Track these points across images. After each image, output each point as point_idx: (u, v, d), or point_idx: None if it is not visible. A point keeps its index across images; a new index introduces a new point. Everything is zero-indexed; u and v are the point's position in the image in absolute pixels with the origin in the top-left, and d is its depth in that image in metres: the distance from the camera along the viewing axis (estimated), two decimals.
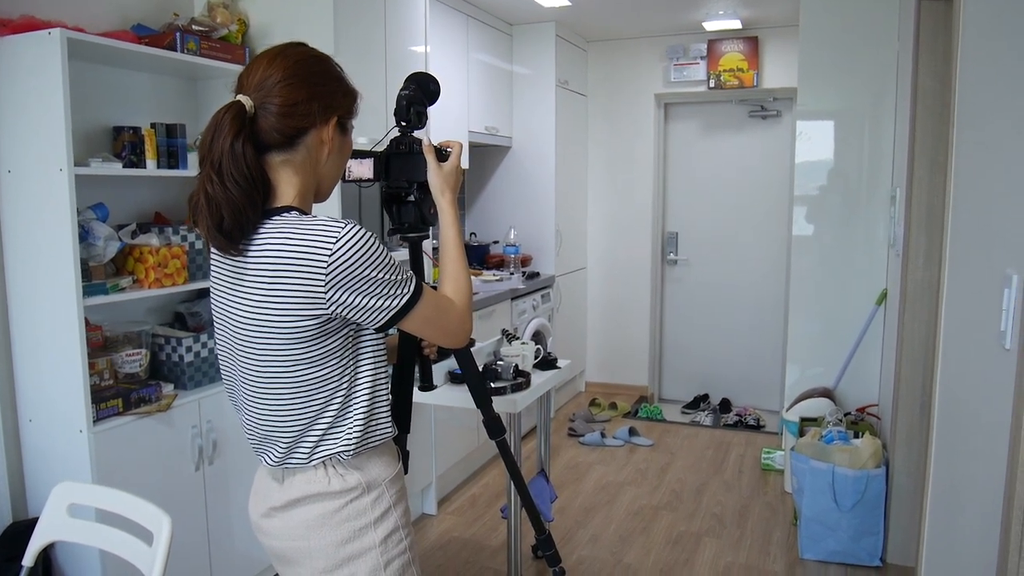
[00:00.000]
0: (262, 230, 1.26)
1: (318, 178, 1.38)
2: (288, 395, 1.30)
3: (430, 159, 1.53)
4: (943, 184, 2.55)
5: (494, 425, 2.05)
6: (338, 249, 1.22)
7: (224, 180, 1.22)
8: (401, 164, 1.60)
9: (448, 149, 1.57)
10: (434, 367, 2.52)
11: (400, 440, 1.84)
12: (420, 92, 1.66)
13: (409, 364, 1.80)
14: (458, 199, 1.57)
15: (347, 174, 1.57)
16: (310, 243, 1.22)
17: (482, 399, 1.99)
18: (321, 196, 1.42)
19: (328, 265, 1.22)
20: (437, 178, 1.53)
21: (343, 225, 1.23)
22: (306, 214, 1.31)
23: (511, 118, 5.05)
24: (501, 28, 4.86)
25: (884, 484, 3.05)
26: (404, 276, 1.30)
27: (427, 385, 1.93)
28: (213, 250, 1.33)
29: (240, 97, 1.27)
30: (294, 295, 1.23)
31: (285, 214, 1.28)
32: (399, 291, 1.28)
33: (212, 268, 1.38)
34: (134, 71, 2.66)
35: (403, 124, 1.64)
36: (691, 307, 5.80)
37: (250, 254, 1.26)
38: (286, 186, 1.32)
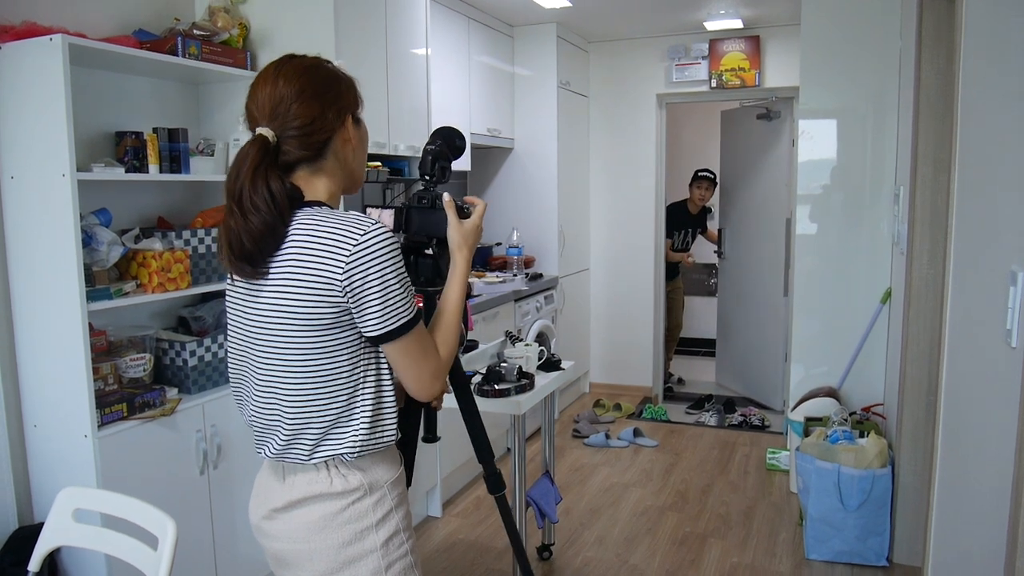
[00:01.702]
0: (292, 221, 1.29)
1: (347, 173, 1.42)
2: (291, 383, 1.31)
3: (451, 214, 1.54)
4: (947, 182, 2.55)
5: (495, 480, 2.02)
6: (364, 241, 1.25)
7: (245, 212, 1.25)
8: (422, 218, 1.62)
9: (470, 207, 1.58)
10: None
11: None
12: (446, 148, 1.68)
13: (415, 415, 1.80)
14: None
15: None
16: (339, 232, 1.26)
17: (484, 454, 1.96)
18: (354, 187, 1.47)
19: (352, 254, 1.24)
20: (457, 234, 1.53)
21: (374, 222, 1.27)
22: (335, 209, 1.36)
23: (513, 120, 5.05)
24: (502, 30, 4.86)
25: (890, 484, 3.04)
26: (410, 296, 1.32)
27: (431, 437, 1.90)
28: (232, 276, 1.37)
29: (260, 130, 1.30)
30: (314, 280, 1.26)
31: (315, 207, 1.33)
32: (405, 309, 1.30)
33: None
34: (136, 76, 2.67)
35: (427, 178, 1.65)
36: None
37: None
38: (317, 190, 1.37)
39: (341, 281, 1.25)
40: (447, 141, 1.69)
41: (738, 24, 5.00)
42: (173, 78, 2.80)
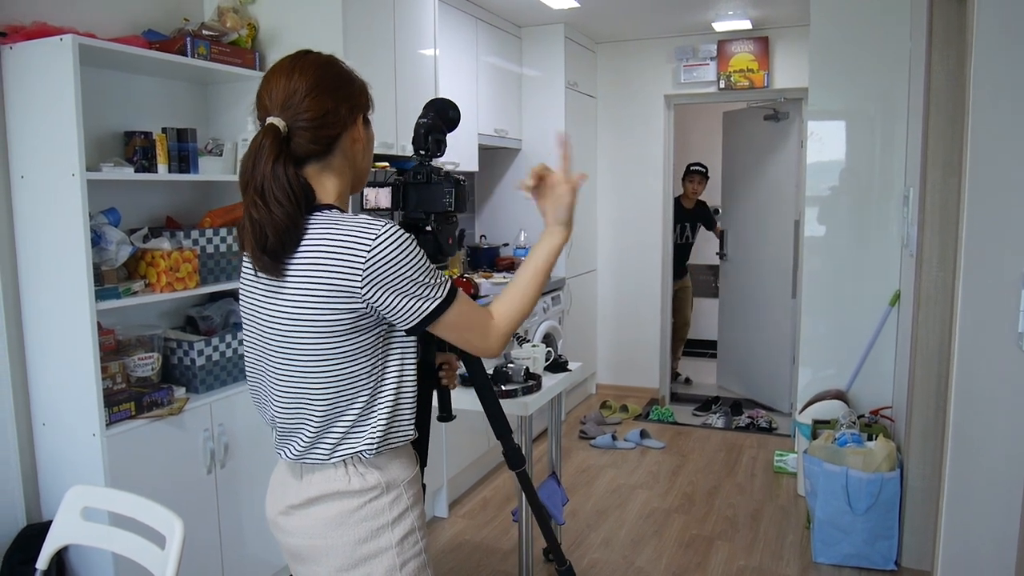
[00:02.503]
0: (306, 225, 1.29)
1: (355, 172, 1.43)
2: (314, 387, 1.31)
3: (568, 194, 1.47)
4: (957, 184, 2.53)
5: (514, 456, 2.03)
6: (376, 246, 1.24)
7: (268, 203, 1.25)
8: (419, 194, 1.59)
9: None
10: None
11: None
12: (439, 120, 1.64)
13: (428, 394, 1.79)
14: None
15: (364, 202, 1.58)
16: (350, 239, 1.25)
17: (502, 430, 1.97)
18: (358, 186, 1.47)
19: (366, 261, 1.24)
20: (562, 215, 1.48)
21: (383, 224, 1.26)
22: (345, 212, 1.35)
23: (520, 120, 5.05)
24: (510, 30, 4.86)
25: (899, 487, 3.03)
26: (439, 280, 1.31)
27: (446, 416, 1.91)
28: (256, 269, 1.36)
29: (272, 120, 1.30)
30: (332, 289, 1.25)
31: (326, 211, 1.32)
32: (432, 293, 1.30)
33: (245, 265, 1.40)
34: (145, 76, 2.67)
35: (421, 153, 1.62)
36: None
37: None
38: (326, 189, 1.36)
39: (360, 290, 1.25)
40: (440, 113, 1.65)
41: (746, 25, 4.98)
42: (182, 78, 2.80)
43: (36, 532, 2.19)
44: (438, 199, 1.54)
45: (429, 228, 1.61)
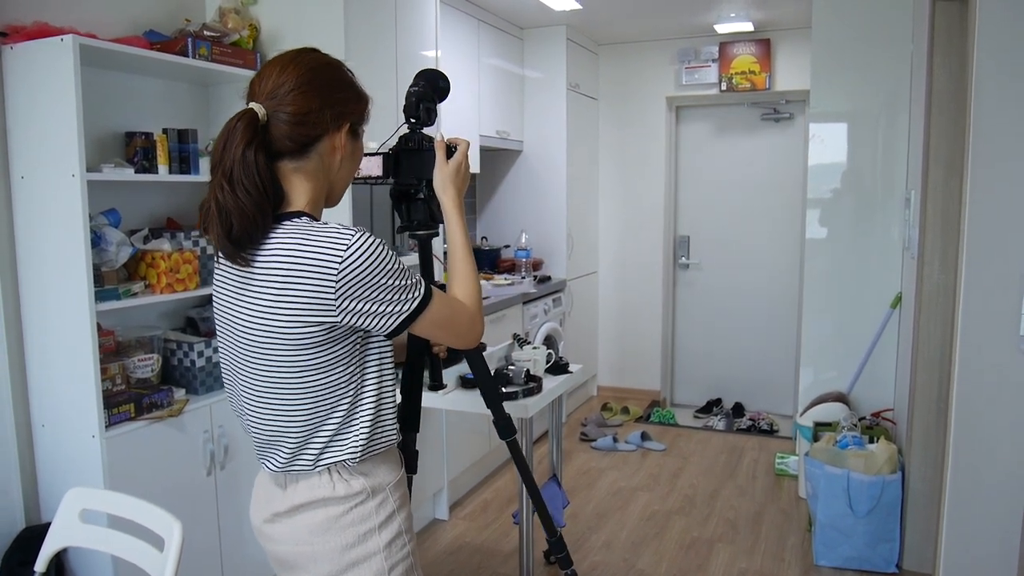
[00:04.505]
0: (272, 235, 1.26)
1: (330, 183, 1.38)
2: (293, 401, 1.30)
3: (440, 156, 1.52)
4: (959, 186, 2.53)
5: (505, 425, 2.04)
6: (348, 257, 1.21)
7: (235, 188, 1.21)
8: (410, 161, 1.60)
9: (455, 146, 1.56)
10: (445, 371, 2.51)
11: (410, 439, 1.84)
12: (429, 89, 1.66)
13: (419, 363, 1.79)
14: (463, 200, 1.55)
15: (357, 172, 1.57)
16: (321, 251, 1.22)
17: (492, 400, 1.97)
18: (333, 201, 1.42)
19: (339, 273, 1.21)
20: (439, 175, 1.52)
21: (354, 233, 1.23)
22: (316, 220, 1.32)
23: (522, 122, 5.05)
24: (512, 32, 4.86)
25: (900, 490, 3.02)
26: (413, 281, 1.30)
27: (437, 384, 1.92)
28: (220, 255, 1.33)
29: (252, 105, 1.27)
30: (303, 302, 1.23)
31: (296, 219, 1.28)
32: (409, 296, 1.28)
33: (216, 273, 1.37)
34: (146, 77, 2.67)
35: (412, 121, 1.63)
36: (703, 311, 5.77)
37: (259, 259, 1.26)
38: (298, 192, 1.32)
39: (335, 302, 1.22)
40: (430, 82, 1.67)
41: (748, 27, 4.98)
42: (183, 79, 2.80)
43: (35, 534, 2.19)
44: (429, 166, 1.54)
45: (421, 196, 1.61)
